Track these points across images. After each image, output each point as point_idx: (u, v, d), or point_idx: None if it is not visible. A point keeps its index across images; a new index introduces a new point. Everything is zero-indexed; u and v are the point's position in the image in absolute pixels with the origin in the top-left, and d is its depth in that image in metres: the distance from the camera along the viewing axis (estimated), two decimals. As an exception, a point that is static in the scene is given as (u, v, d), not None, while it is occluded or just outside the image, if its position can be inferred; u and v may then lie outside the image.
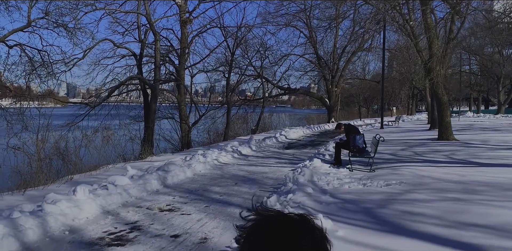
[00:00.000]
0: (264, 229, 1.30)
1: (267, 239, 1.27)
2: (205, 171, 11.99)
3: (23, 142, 12.65)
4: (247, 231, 1.33)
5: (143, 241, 5.78)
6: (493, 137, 18.39)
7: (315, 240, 1.28)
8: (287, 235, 1.25)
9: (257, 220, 1.33)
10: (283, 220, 1.31)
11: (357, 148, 11.74)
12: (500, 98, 52.68)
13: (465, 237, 5.23)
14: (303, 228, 1.29)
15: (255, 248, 1.31)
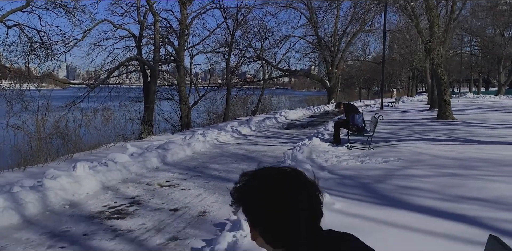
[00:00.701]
0: (259, 186, 1.31)
1: (262, 197, 1.28)
2: (205, 149, 12.03)
3: (23, 121, 12.65)
4: (241, 191, 1.34)
5: (142, 215, 5.84)
6: (492, 116, 18.41)
7: (310, 195, 1.30)
8: (283, 191, 1.26)
9: (251, 178, 1.34)
10: (277, 176, 1.32)
11: (356, 127, 11.77)
12: (501, 79, 52.53)
13: (462, 210, 5.29)
14: (298, 183, 1.30)
15: (251, 207, 1.32)
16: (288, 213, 1.24)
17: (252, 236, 1.34)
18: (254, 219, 1.31)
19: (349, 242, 1.32)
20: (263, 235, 1.30)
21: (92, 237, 4.93)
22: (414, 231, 4.68)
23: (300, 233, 1.25)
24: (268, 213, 1.26)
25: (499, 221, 4.79)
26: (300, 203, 1.26)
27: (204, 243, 4.70)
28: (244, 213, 1.33)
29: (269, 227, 1.28)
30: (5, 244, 4.69)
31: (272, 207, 1.25)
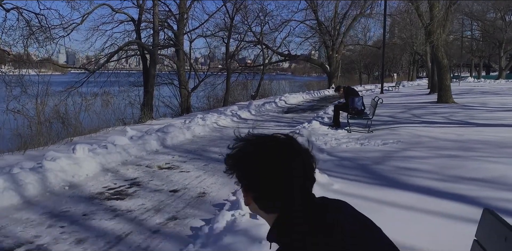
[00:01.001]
0: (253, 153, 1.30)
1: (257, 164, 1.28)
2: (204, 133, 12.03)
3: (22, 105, 12.64)
4: (235, 157, 1.34)
5: (142, 195, 5.87)
6: (492, 100, 18.39)
7: (304, 162, 1.30)
8: (277, 158, 1.26)
9: (246, 144, 1.34)
10: (271, 143, 1.31)
11: (355, 110, 11.75)
12: (501, 64, 52.32)
13: (461, 190, 5.30)
14: (292, 151, 1.29)
15: (245, 173, 1.32)
16: (282, 179, 1.25)
17: (246, 202, 1.34)
18: (248, 185, 1.31)
19: (341, 208, 1.33)
20: (256, 201, 1.30)
21: (92, 217, 4.96)
22: (412, 210, 4.70)
23: (294, 199, 1.26)
24: (262, 180, 1.27)
25: (497, 200, 4.80)
26: (294, 170, 1.26)
27: (203, 222, 4.73)
28: (238, 179, 1.34)
29: (263, 193, 1.28)
30: (5, 224, 4.72)
31: (266, 173, 1.25)
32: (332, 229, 1.18)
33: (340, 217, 1.26)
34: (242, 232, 3.94)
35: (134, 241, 4.25)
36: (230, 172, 1.35)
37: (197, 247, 3.90)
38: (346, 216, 1.28)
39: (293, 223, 1.23)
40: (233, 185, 6.29)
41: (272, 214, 1.29)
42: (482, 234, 2.07)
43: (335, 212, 1.28)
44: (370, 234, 1.26)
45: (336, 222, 1.21)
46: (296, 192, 1.26)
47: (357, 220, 1.29)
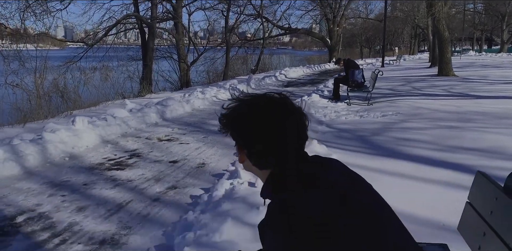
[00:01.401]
0: (247, 113, 1.31)
1: (251, 124, 1.29)
2: (204, 106, 12.04)
3: (21, 79, 12.59)
4: (230, 117, 1.35)
5: (142, 166, 5.92)
6: (493, 73, 18.31)
7: (297, 120, 1.31)
8: (271, 118, 1.28)
9: (240, 104, 1.35)
10: (265, 103, 1.32)
11: (355, 83, 11.72)
12: (504, 37, 51.87)
13: (458, 159, 5.34)
14: (286, 110, 1.31)
15: (239, 132, 1.34)
16: (275, 137, 1.26)
17: (240, 159, 1.36)
18: (242, 143, 1.33)
19: (333, 165, 1.35)
20: (250, 158, 1.32)
21: (92, 187, 5.01)
22: (409, 179, 4.75)
23: (287, 155, 1.28)
24: (256, 138, 1.28)
25: (494, 169, 4.84)
26: (287, 128, 1.27)
27: (203, 191, 4.78)
28: (232, 137, 1.35)
29: (257, 150, 1.30)
30: (7, 193, 4.78)
31: (259, 132, 1.27)
32: (324, 184, 1.20)
33: (332, 173, 1.28)
34: (241, 199, 3.99)
35: (135, 209, 4.31)
36: (224, 131, 1.37)
37: (196, 213, 3.96)
38: (338, 172, 1.30)
39: (286, 179, 1.25)
40: (232, 156, 6.34)
41: (265, 170, 1.31)
42: (474, 196, 2.10)
43: (327, 169, 1.30)
44: (361, 189, 1.28)
45: (328, 178, 1.24)
46: (289, 149, 1.28)
47: (349, 177, 1.31)
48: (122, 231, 3.80)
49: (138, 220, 4.03)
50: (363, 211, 1.16)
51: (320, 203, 1.13)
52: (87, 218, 4.07)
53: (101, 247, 3.48)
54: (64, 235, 3.70)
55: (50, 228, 3.87)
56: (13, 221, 4.04)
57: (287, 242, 1.08)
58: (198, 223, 3.63)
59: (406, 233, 1.25)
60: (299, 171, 1.26)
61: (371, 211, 1.19)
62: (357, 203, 1.18)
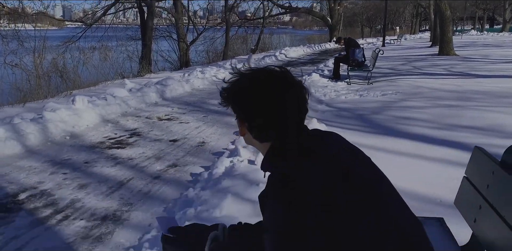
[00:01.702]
0: (248, 87, 1.32)
1: (251, 97, 1.30)
2: (204, 86, 12.01)
3: (20, 58, 12.53)
4: (230, 91, 1.36)
5: (142, 145, 5.95)
6: (494, 52, 18.25)
7: (297, 94, 1.32)
8: (271, 91, 1.28)
9: (241, 78, 1.35)
10: (265, 76, 1.33)
11: (356, 62, 11.67)
12: (506, 16, 51.37)
13: (457, 137, 5.37)
14: (286, 83, 1.31)
15: (240, 106, 1.35)
16: (275, 110, 1.27)
17: (241, 132, 1.38)
18: (242, 116, 1.34)
19: (333, 138, 1.36)
20: (251, 131, 1.33)
21: (93, 165, 5.05)
22: (408, 156, 4.78)
23: (287, 128, 1.29)
24: (256, 111, 1.29)
25: (493, 146, 4.82)
26: (288, 102, 1.28)
27: (203, 169, 4.82)
28: (233, 110, 1.37)
29: (257, 123, 1.31)
30: (9, 171, 4.82)
31: (260, 106, 1.28)
32: (324, 158, 1.22)
33: (332, 147, 1.29)
34: (240, 176, 4.03)
35: (136, 186, 4.35)
36: (225, 104, 1.38)
37: (196, 190, 4.01)
38: (338, 146, 1.32)
39: (286, 152, 1.26)
40: (232, 135, 6.37)
41: (266, 142, 1.33)
42: (471, 171, 2.13)
43: (327, 142, 1.31)
44: (361, 163, 1.30)
45: (328, 152, 1.25)
46: (289, 122, 1.29)
47: (349, 150, 1.33)
48: (123, 207, 3.85)
49: (139, 197, 4.08)
50: (364, 186, 1.18)
51: (320, 177, 1.15)
52: (88, 195, 4.12)
53: (103, 223, 3.53)
54: (66, 212, 3.75)
55: (52, 204, 3.91)
56: (16, 198, 4.08)
57: (287, 215, 1.09)
58: (198, 199, 3.68)
59: (406, 208, 1.27)
60: (300, 144, 1.27)
61: (371, 186, 1.21)
62: (358, 178, 1.20)
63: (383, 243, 1.12)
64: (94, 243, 3.20)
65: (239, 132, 1.40)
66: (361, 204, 1.13)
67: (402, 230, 1.18)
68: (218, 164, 4.58)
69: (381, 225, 1.14)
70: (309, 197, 1.10)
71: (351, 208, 1.11)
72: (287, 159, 1.24)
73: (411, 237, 1.20)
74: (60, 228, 3.45)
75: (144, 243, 3.07)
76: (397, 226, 1.18)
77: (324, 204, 1.09)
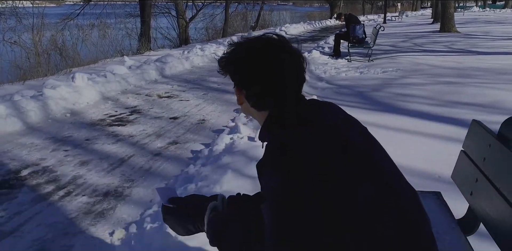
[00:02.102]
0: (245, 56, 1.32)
1: (249, 66, 1.31)
2: (203, 63, 11.97)
3: (19, 35, 12.42)
4: (228, 60, 1.36)
5: (143, 122, 5.97)
6: (495, 29, 18.11)
7: (294, 62, 1.32)
8: (269, 60, 1.28)
9: (238, 48, 1.35)
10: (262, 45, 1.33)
11: (356, 38, 11.59)
12: (509, -8, 50.77)
13: (456, 114, 5.38)
14: (283, 52, 1.31)
15: (238, 75, 1.35)
16: (273, 78, 1.28)
17: (239, 100, 1.38)
18: (240, 84, 1.35)
19: (330, 108, 1.37)
20: (248, 99, 1.34)
21: (94, 142, 5.08)
22: (408, 133, 4.80)
23: (285, 96, 1.30)
24: (254, 80, 1.30)
25: (492, 123, 4.81)
26: (285, 70, 1.29)
27: (203, 146, 4.85)
28: (231, 79, 1.37)
29: (255, 91, 1.32)
30: (10, 148, 4.85)
31: (257, 74, 1.28)
32: (322, 127, 1.23)
33: (329, 116, 1.30)
34: (240, 153, 4.06)
35: (137, 163, 4.39)
36: (223, 73, 1.39)
37: (197, 167, 4.04)
38: (335, 116, 1.33)
39: (284, 119, 1.27)
40: (232, 112, 6.39)
41: (264, 111, 1.34)
42: (468, 144, 2.15)
43: (325, 112, 1.32)
44: (358, 133, 1.31)
45: (325, 121, 1.26)
46: (287, 90, 1.30)
47: (346, 120, 1.34)
48: (125, 184, 3.89)
49: (141, 174, 4.12)
50: (361, 157, 1.19)
51: (318, 147, 1.16)
52: (90, 172, 4.16)
53: (105, 199, 3.57)
54: (68, 188, 3.80)
55: (54, 181, 3.95)
56: (18, 174, 4.12)
57: (285, 184, 1.11)
58: (199, 175, 3.72)
59: (402, 178, 1.30)
60: (298, 113, 1.28)
61: (368, 156, 1.22)
62: (355, 148, 1.21)
63: (380, 213, 1.15)
64: (97, 218, 3.25)
65: (237, 101, 1.40)
66: (358, 175, 1.14)
67: (399, 202, 1.21)
68: (218, 141, 4.61)
69: (378, 196, 1.16)
70: (306, 166, 1.11)
71: (349, 179, 1.12)
72: (285, 128, 1.25)
73: (407, 209, 1.23)
74: (63, 204, 3.50)
75: (146, 218, 3.11)
76: (394, 197, 1.20)
77: (321, 174, 1.10)
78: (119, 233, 2.99)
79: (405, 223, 1.19)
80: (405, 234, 1.18)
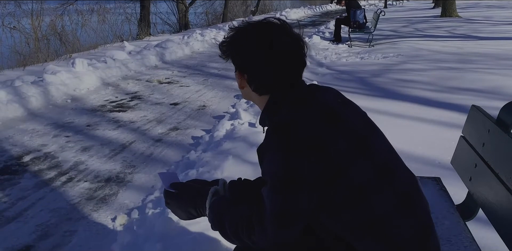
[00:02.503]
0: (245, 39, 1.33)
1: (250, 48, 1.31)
2: (203, 49, 11.93)
3: (18, 20, 12.36)
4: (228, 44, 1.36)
5: (143, 108, 5.98)
6: (497, 14, 18.00)
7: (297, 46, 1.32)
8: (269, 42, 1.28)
9: (238, 31, 1.36)
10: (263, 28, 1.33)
11: (357, 23, 11.51)
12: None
13: (456, 99, 5.38)
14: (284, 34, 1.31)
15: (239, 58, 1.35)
16: (274, 61, 1.28)
17: (240, 85, 1.38)
18: (241, 67, 1.35)
19: (331, 92, 1.38)
20: (250, 82, 1.34)
21: (95, 128, 5.10)
22: (408, 118, 4.81)
23: (286, 81, 1.31)
24: (256, 63, 1.30)
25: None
26: (286, 53, 1.29)
27: (204, 132, 4.87)
28: (232, 62, 1.38)
29: (256, 75, 1.32)
30: (12, 134, 4.87)
31: (259, 57, 1.29)
32: (321, 108, 1.24)
33: (329, 99, 1.32)
34: (241, 139, 4.08)
35: (138, 149, 4.41)
36: (224, 57, 1.39)
37: (198, 153, 4.07)
38: (334, 98, 1.34)
39: (284, 102, 1.29)
40: (233, 98, 6.39)
41: (265, 95, 1.34)
42: (468, 130, 2.16)
43: (324, 94, 1.34)
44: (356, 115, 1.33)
45: (324, 103, 1.28)
46: (288, 73, 1.31)
47: (346, 103, 1.35)
48: (126, 169, 3.91)
49: (142, 160, 4.14)
50: (357, 138, 1.22)
51: (315, 125, 1.18)
52: (92, 158, 4.18)
53: (107, 185, 3.60)
54: (70, 174, 3.82)
55: (56, 167, 3.98)
56: (20, 160, 4.15)
57: (285, 165, 1.13)
58: (200, 161, 3.74)
59: (400, 161, 1.32)
60: (297, 96, 1.30)
61: (364, 138, 1.25)
62: (352, 130, 1.23)
63: (375, 192, 1.18)
64: (99, 204, 3.28)
65: (238, 85, 1.41)
66: (351, 154, 1.17)
67: (395, 182, 1.24)
68: (219, 127, 4.63)
69: (374, 175, 1.20)
70: (305, 143, 1.13)
71: (343, 158, 1.15)
72: (285, 110, 1.27)
73: (405, 190, 1.26)
74: (65, 189, 3.53)
75: (148, 204, 3.15)
76: (391, 177, 1.23)
77: (318, 154, 1.13)
78: (121, 218, 3.02)
79: (402, 201, 1.22)
80: (403, 212, 1.21)
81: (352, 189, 1.15)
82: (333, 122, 1.20)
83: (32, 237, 2.84)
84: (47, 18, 13.70)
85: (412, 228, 1.23)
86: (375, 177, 1.19)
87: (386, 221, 1.20)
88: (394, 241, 1.20)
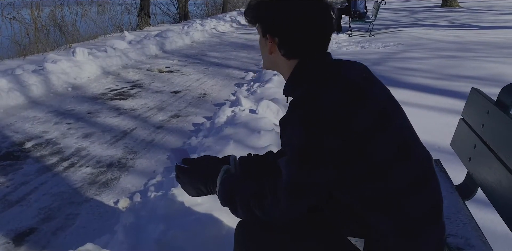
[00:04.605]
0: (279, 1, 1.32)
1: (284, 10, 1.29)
2: (203, 39, 11.92)
3: (17, 11, 12.34)
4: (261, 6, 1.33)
5: (144, 96, 6.00)
6: (498, 3, 17.93)
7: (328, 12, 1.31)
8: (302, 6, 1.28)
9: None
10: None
11: (357, 13, 11.48)
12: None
13: (456, 87, 5.40)
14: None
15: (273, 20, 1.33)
16: (307, 25, 1.28)
17: (270, 50, 1.34)
18: (274, 30, 1.32)
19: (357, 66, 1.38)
20: (280, 46, 1.32)
21: (96, 115, 5.12)
22: (408, 105, 4.77)
23: (317, 44, 1.31)
24: (290, 24, 1.28)
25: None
26: (318, 18, 1.28)
27: (205, 119, 4.89)
28: (263, 26, 1.35)
29: (288, 37, 1.30)
30: (14, 121, 4.89)
31: (292, 19, 1.27)
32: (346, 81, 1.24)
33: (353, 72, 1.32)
34: (242, 125, 4.09)
35: (139, 135, 4.44)
36: (253, 21, 1.37)
37: (199, 138, 4.09)
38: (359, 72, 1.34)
39: (312, 70, 1.29)
40: (233, 86, 6.41)
41: (294, 60, 1.32)
42: (467, 112, 2.18)
43: (350, 68, 1.35)
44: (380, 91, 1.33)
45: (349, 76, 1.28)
46: (319, 38, 1.31)
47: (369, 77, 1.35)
48: (128, 155, 3.94)
49: (143, 146, 4.17)
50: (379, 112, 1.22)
51: (339, 100, 1.16)
52: (93, 144, 4.21)
53: (109, 170, 3.63)
54: (72, 159, 3.85)
55: (58, 153, 4.01)
56: (22, 146, 4.17)
57: (306, 136, 1.13)
58: (201, 146, 3.76)
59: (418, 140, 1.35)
60: (325, 64, 1.30)
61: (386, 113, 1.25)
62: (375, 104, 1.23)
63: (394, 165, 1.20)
64: (101, 188, 3.31)
65: (267, 50, 1.36)
66: (373, 128, 1.18)
67: (413, 157, 1.26)
68: (220, 113, 4.64)
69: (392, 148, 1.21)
70: (327, 120, 1.13)
71: (365, 131, 1.16)
72: (310, 83, 1.27)
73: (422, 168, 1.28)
74: (67, 174, 3.55)
75: (150, 187, 3.18)
76: (409, 151, 1.25)
77: (341, 128, 1.13)
78: (124, 202, 3.06)
79: (417, 179, 1.24)
80: (417, 190, 1.23)
81: (372, 165, 1.16)
82: (357, 98, 1.20)
83: (35, 219, 2.87)
84: (47, 8, 13.66)
85: (423, 207, 1.25)
86: (395, 154, 1.20)
87: (400, 198, 1.21)
88: (404, 218, 1.22)
